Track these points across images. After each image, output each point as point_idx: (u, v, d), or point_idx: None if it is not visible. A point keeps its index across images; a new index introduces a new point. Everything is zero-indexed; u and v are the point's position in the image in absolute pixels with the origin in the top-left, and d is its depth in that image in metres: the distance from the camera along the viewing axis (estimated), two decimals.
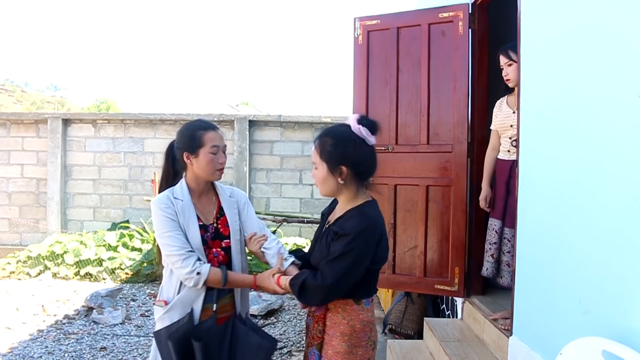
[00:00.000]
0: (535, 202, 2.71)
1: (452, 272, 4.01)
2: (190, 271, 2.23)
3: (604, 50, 2.08)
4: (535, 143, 2.74)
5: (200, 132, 2.39)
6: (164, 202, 2.34)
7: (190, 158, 2.38)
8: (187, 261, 2.24)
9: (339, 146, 2.09)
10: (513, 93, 3.48)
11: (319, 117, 9.13)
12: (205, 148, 2.37)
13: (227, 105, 31.00)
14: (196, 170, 2.40)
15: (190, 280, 2.24)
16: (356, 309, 2.13)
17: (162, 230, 2.30)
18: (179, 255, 2.25)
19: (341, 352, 2.12)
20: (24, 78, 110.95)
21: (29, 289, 7.22)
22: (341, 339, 2.12)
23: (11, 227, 9.54)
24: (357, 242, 2.00)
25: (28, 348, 4.92)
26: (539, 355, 2.56)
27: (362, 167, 2.13)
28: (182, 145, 2.40)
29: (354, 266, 2.02)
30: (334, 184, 2.13)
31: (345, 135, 2.11)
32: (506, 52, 3.44)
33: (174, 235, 2.28)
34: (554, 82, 2.54)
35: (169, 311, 2.31)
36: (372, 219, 2.08)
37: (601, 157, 2.07)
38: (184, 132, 2.43)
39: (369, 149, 2.12)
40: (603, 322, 1.99)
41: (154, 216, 2.34)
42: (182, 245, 2.27)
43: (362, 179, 2.16)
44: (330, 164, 2.10)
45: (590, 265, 2.13)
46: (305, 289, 2.08)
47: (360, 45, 4.47)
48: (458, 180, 3.99)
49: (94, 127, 9.47)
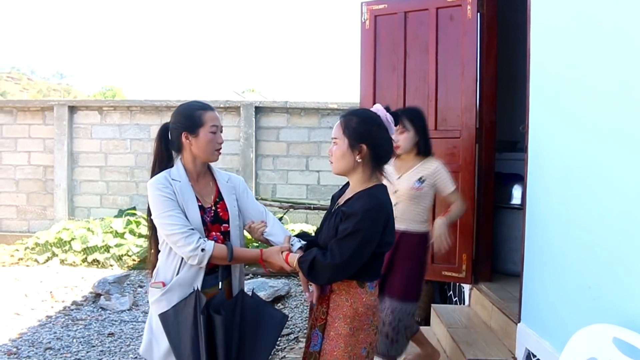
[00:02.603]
0: (545, 187, 2.68)
1: (459, 258, 3.99)
2: (194, 248, 2.18)
3: (617, 34, 2.04)
4: (545, 128, 2.71)
5: (200, 111, 2.36)
6: (162, 182, 2.28)
7: (190, 138, 2.33)
8: (190, 238, 2.19)
9: (363, 124, 2.14)
10: (400, 157, 3.31)
11: (326, 103, 9.09)
12: (205, 128, 2.34)
13: (233, 92, 30.91)
14: (195, 151, 2.36)
15: (195, 258, 2.19)
16: (360, 291, 2.13)
17: (161, 210, 2.23)
18: (181, 234, 2.19)
19: (343, 334, 2.13)
20: (30, 66, 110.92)
21: (37, 275, 7.26)
22: (344, 321, 2.13)
23: (19, 214, 9.58)
24: (365, 222, 2.02)
25: (37, 334, 4.95)
26: (547, 342, 2.55)
27: (380, 150, 2.16)
28: (181, 125, 2.35)
29: (362, 246, 2.03)
30: (350, 161, 2.15)
31: (372, 116, 2.17)
32: (402, 121, 3.22)
33: (174, 214, 2.23)
34: (565, 67, 2.51)
35: (166, 293, 2.27)
36: (380, 199, 2.10)
37: (614, 142, 2.04)
38: (183, 112, 2.38)
39: (388, 136, 2.18)
40: (614, 309, 1.97)
41: (151, 197, 2.28)
42: (183, 224, 2.22)
43: (377, 163, 2.18)
44: (351, 140, 2.13)
45: (601, 251, 2.11)
46: (314, 267, 2.08)
47: (367, 30, 4.42)
48: (466, 166, 3.96)
49: (100, 114, 9.46)
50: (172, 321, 2.24)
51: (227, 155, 9.20)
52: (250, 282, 6.13)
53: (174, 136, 2.38)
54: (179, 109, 2.42)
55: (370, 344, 2.16)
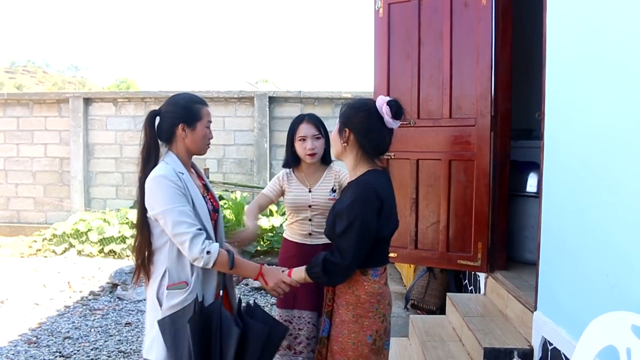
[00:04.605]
0: (561, 175, 2.66)
1: (475, 247, 3.97)
2: (201, 250, 2.13)
3: (636, 18, 2.01)
4: (562, 116, 2.68)
5: (198, 105, 2.37)
6: (173, 174, 2.22)
7: (186, 130, 2.32)
8: (197, 239, 2.14)
9: (351, 109, 2.22)
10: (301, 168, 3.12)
11: (339, 92, 9.07)
12: (202, 122, 2.35)
13: (247, 83, 30.87)
14: (188, 143, 2.34)
15: (201, 260, 2.14)
16: (362, 279, 2.15)
17: (171, 205, 2.16)
18: (190, 233, 2.13)
19: (346, 321, 2.15)
20: (45, 59, 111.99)
21: (55, 266, 7.35)
22: (346, 307, 2.16)
23: (36, 206, 9.69)
24: (354, 212, 2.05)
25: (56, 323, 5.02)
26: (564, 330, 2.53)
27: (368, 138, 2.17)
28: (179, 117, 2.32)
29: (363, 235, 2.05)
30: (339, 146, 2.24)
31: (362, 104, 2.22)
32: (317, 126, 3.03)
33: (185, 210, 2.18)
34: (582, 53, 2.47)
35: (191, 292, 2.22)
36: (368, 184, 2.11)
37: (632, 128, 2.01)
38: (181, 103, 2.36)
39: (382, 126, 2.16)
40: (632, 296, 1.95)
41: (160, 190, 2.19)
42: (192, 222, 2.16)
43: (368, 152, 2.20)
44: (340, 125, 2.23)
45: (618, 238, 2.08)
46: (327, 269, 2.10)
47: (381, 18, 4.39)
48: (481, 154, 3.93)
49: (115, 105, 9.51)
50: (169, 329, 2.18)
51: (242, 146, 9.23)
52: None
53: (167, 125, 2.34)
54: (175, 99, 2.40)
55: (376, 331, 2.16)
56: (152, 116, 2.37)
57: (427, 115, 4.20)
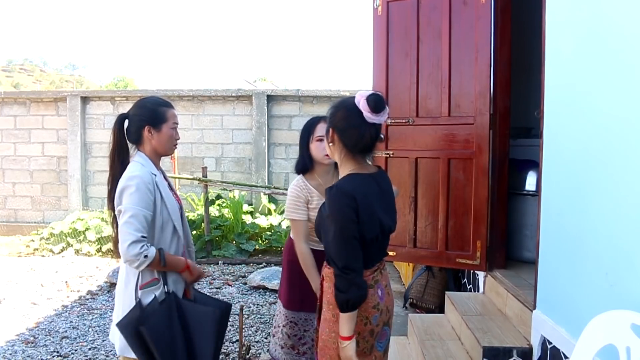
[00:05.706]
0: (561, 173, 2.65)
1: (474, 245, 3.96)
2: (138, 253, 2.26)
3: (636, 14, 2.00)
4: (561, 114, 2.67)
5: (164, 108, 2.50)
6: (149, 178, 2.38)
7: (152, 132, 2.45)
8: (138, 244, 2.27)
9: (332, 109, 2.21)
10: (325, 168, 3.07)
11: (338, 91, 9.05)
12: (168, 124, 2.48)
13: (245, 82, 30.92)
14: (155, 145, 2.47)
15: (135, 262, 2.28)
16: None
17: (137, 205, 2.30)
18: (134, 236, 2.26)
19: (326, 320, 2.16)
20: (43, 58, 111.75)
21: (52, 265, 7.33)
22: (327, 306, 2.17)
23: (34, 205, 9.66)
24: (332, 216, 2.04)
25: (53, 323, 5.01)
26: (563, 329, 2.53)
27: (347, 135, 2.13)
28: (145, 119, 2.46)
29: (345, 239, 2.00)
30: (327, 147, 2.23)
31: (342, 102, 2.21)
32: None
33: (146, 216, 2.32)
34: (581, 51, 2.46)
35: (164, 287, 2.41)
36: (341, 189, 2.06)
37: (632, 126, 2.00)
38: (147, 105, 2.50)
39: (361, 122, 2.08)
40: (631, 295, 1.94)
41: (132, 190, 2.32)
42: (142, 229, 2.30)
43: (350, 150, 2.15)
44: (327, 125, 2.21)
45: (618, 237, 2.08)
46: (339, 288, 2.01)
47: (380, 16, 4.38)
48: (480, 153, 3.92)
49: (112, 104, 9.49)
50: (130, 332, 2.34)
51: (240, 145, 9.21)
52: (264, 271, 6.16)
53: (134, 128, 2.48)
54: (142, 102, 2.54)
55: (358, 333, 2.08)
56: (121, 119, 2.53)
57: (425, 113, 4.19)
